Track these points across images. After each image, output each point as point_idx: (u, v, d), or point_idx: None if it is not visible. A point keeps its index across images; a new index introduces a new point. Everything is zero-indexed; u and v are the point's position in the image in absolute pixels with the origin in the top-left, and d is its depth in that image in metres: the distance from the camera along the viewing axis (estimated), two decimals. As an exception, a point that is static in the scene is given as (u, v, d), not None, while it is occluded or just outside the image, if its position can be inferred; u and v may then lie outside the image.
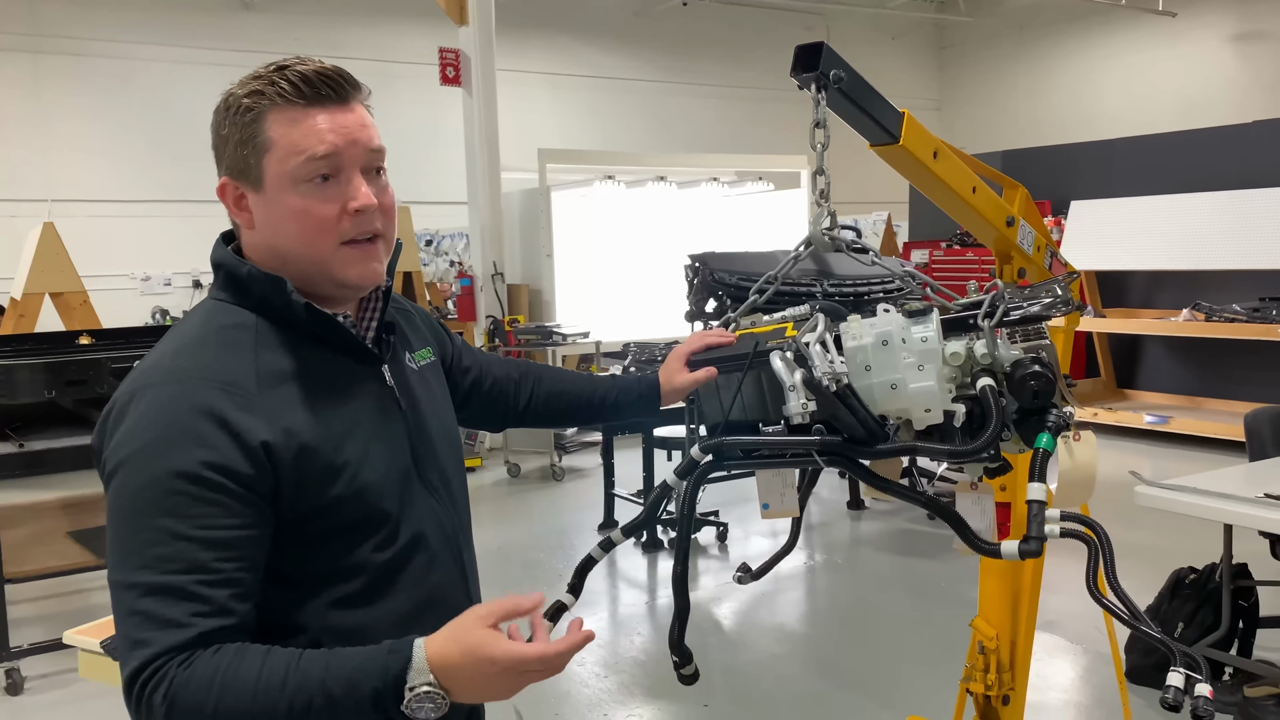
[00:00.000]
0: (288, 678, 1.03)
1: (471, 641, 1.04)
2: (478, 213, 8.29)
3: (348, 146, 1.19)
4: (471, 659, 1.03)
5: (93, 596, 4.70)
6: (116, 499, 1.10)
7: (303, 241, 1.20)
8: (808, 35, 15.41)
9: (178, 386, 1.13)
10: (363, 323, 1.31)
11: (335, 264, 1.22)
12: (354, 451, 1.19)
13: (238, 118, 1.19)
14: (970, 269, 8.86)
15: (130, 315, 10.52)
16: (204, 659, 1.03)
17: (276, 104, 1.18)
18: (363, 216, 1.21)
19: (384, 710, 1.03)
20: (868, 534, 5.77)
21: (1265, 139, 8.12)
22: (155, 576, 1.05)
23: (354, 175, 1.20)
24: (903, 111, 1.75)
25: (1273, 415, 3.98)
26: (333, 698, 1.03)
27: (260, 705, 1.02)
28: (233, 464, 1.09)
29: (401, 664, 1.03)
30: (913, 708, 2.96)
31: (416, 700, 1.02)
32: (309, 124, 1.18)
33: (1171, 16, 13.54)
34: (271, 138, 1.18)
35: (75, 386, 3.70)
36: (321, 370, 1.22)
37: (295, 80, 1.18)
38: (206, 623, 1.05)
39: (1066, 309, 1.53)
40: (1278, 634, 3.89)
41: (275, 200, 1.20)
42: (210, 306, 1.24)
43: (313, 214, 1.19)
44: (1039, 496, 1.32)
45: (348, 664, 1.04)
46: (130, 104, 11.16)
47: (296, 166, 1.17)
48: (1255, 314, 7.37)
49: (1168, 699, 1.19)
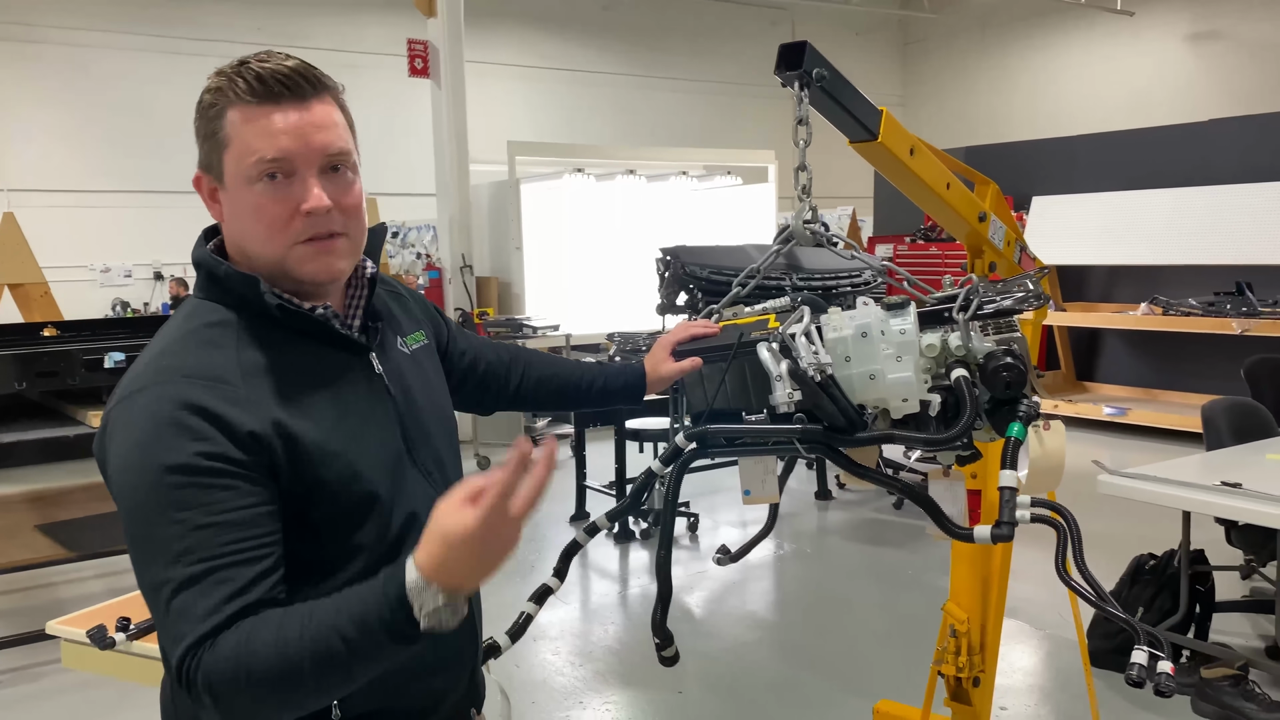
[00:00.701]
0: (303, 632, 1.04)
1: (444, 528, 1.02)
2: (446, 205, 8.27)
3: (301, 149, 1.19)
4: (450, 543, 1.02)
5: (61, 590, 4.66)
6: (126, 504, 1.12)
7: (259, 238, 1.22)
8: (773, 30, 15.50)
9: (162, 387, 1.14)
10: (348, 311, 1.33)
11: (290, 261, 1.22)
12: (344, 440, 1.21)
13: (202, 112, 1.22)
14: (934, 263, 8.98)
15: (90, 307, 10.37)
16: (226, 637, 1.05)
17: (234, 101, 1.19)
18: (315, 218, 1.21)
19: (402, 635, 1.03)
20: (835, 523, 5.85)
21: (1220, 137, 8.30)
22: (181, 571, 1.07)
23: (309, 176, 1.20)
24: (881, 109, 1.80)
25: (1228, 406, 4.09)
26: (349, 640, 1.03)
27: (286, 666, 1.03)
28: (228, 451, 1.11)
29: (398, 587, 1.03)
30: (882, 692, 3.02)
31: (431, 615, 1.03)
32: (263, 123, 1.18)
33: (1129, 15, 13.77)
34: (229, 135, 1.19)
35: (46, 378, 3.67)
36: (306, 362, 1.23)
37: (251, 78, 1.18)
38: (236, 603, 1.06)
39: (1038, 303, 1.59)
40: (1233, 617, 4.02)
41: (234, 196, 1.22)
42: (193, 306, 1.26)
43: (266, 212, 1.20)
44: (1010, 483, 1.37)
45: (355, 605, 1.05)
46: (89, 92, 10.97)
47: (249, 166, 1.19)
48: (1210, 308, 7.55)
49: (1132, 675, 1.24)
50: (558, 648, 4.08)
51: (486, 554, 1.03)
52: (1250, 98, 12.14)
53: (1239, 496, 3.13)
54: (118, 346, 3.90)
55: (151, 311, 11.01)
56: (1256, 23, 12.94)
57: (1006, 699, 3.48)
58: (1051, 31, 15.06)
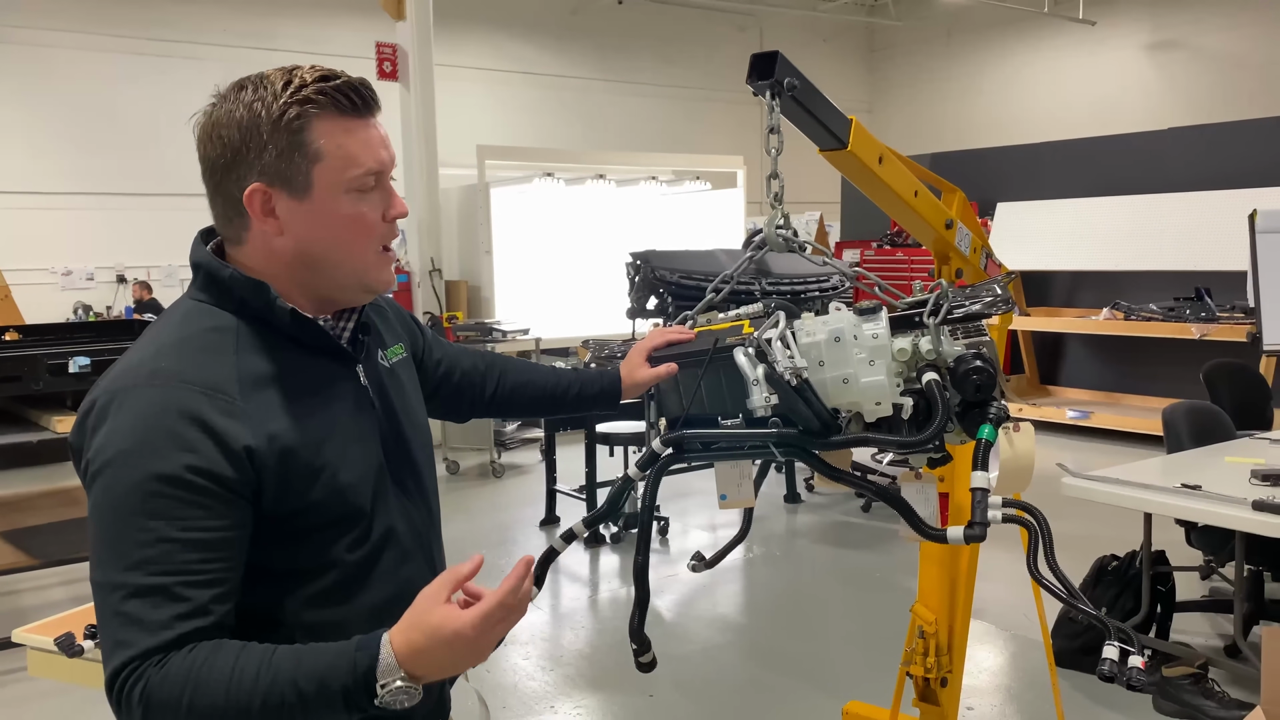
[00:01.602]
0: (259, 675, 1.05)
1: (433, 623, 1.06)
2: (415, 209, 8.23)
3: (389, 161, 1.27)
4: (438, 639, 1.06)
5: (25, 598, 4.58)
6: (100, 501, 1.11)
7: (349, 246, 1.24)
8: (741, 36, 15.59)
9: (160, 391, 1.14)
10: (339, 324, 1.34)
11: (373, 268, 1.27)
12: (332, 453, 1.22)
13: (281, 124, 1.18)
14: (901, 269, 9.07)
15: (51, 310, 10.22)
16: (178, 658, 1.05)
17: (326, 113, 1.20)
18: (395, 224, 1.28)
19: (357, 706, 1.06)
20: (804, 526, 5.89)
21: (1179, 145, 8.46)
22: (140, 578, 1.07)
23: (388, 184, 1.27)
24: (850, 118, 1.83)
25: (1188, 410, 4.17)
26: (304, 695, 1.05)
27: (233, 701, 1.04)
28: (216, 468, 1.11)
29: (369, 661, 1.05)
30: (851, 693, 3.05)
31: (390, 695, 1.05)
32: (363, 136, 1.23)
33: (1091, 25, 14.00)
34: (324, 147, 1.20)
35: (9, 383, 3.62)
36: (300, 373, 1.24)
37: (345, 92, 1.21)
38: (188, 624, 1.07)
39: (1005, 307, 1.62)
40: (1193, 617, 4.10)
41: (323, 207, 1.21)
42: (189, 307, 1.25)
43: (364, 220, 1.24)
44: (982, 484, 1.40)
45: (319, 662, 1.06)
46: (51, 92, 10.80)
47: (353, 178, 1.22)
48: (1170, 313, 7.68)
49: (1104, 670, 1.26)
50: (528, 652, 4.08)
51: (466, 656, 1.08)
52: (1208, 107, 12.39)
53: (1198, 498, 3.19)
54: (82, 351, 3.84)
55: (115, 315, 10.86)
56: (1213, 33, 13.20)
57: (973, 699, 3.53)
58: (1016, 40, 15.28)
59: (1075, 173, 8.93)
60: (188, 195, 10.81)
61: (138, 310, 10.73)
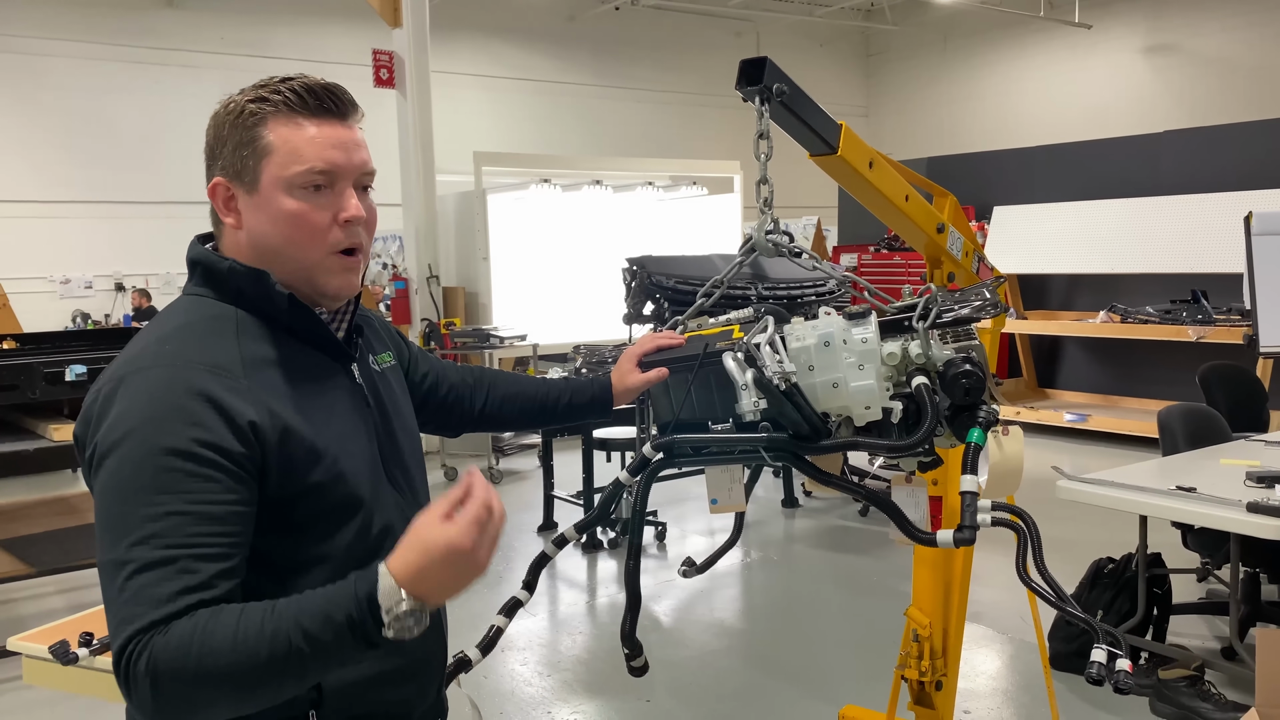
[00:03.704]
0: (264, 624, 1.04)
1: (425, 539, 1.05)
2: (412, 215, 8.25)
3: (345, 163, 1.25)
4: (433, 554, 1.04)
5: (22, 607, 4.58)
6: (109, 480, 1.11)
7: (293, 244, 1.24)
8: (738, 41, 15.63)
9: (167, 370, 1.15)
10: (334, 323, 1.35)
11: (320, 271, 1.26)
12: (332, 438, 1.24)
13: (239, 120, 1.23)
14: (898, 272, 9.08)
15: (49, 319, 10.23)
16: (181, 624, 1.05)
17: (280, 111, 1.22)
18: (351, 228, 1.26)
19: (365, 636, 1.04)
20: (801, 531, 5.89)
21: (1175, 148, 8.48)
22: (147, 552, 1.07)
23: (346, 188, 1.26)
24: (840, 123, 1.83)
25: (1183, 412, 4.18)
26: (310, 635, 1.03)
27: (240, 654, 1.03)
28: (223, 442, 1.12)
29: (369, 587, 1.04)
30: (848, 697, 3.05)
31: (398, 620, 1.04)
32: (312, 134, 1.23)
33: (1087, 28, 14.03)
34: (272, 142, 1.22)
35: (6, 391, 3.61)
36: (299, 361, 1.26)
37: (301, 91, 1.23)
38: (193, 596, 1.06)
39: (995, 311, 1.62)
40: (1189, 619, 4.10)
41: (269, 202, 1.23)
42: (189, 301, 1.27)
43: (306, 219, 1.23)
44: (972, 488, 1.41)
45: (321, 599, 1.06)
46: (48, 102, 10.84)
47: (296, 174, 1.22)
48: (1167, 316, 7.69)
49: (1092, 673, 1.27)
50: (526, 658, 4.08)
51: (462, 568, 1.05)
52: (1203, 110, 12.42)
53: (1194, 501, 3.19)
54: (79, 359, 3.84)
55: (113, 323, 10.87)
56: (1209, 36, 13.24)
57: (969, 702, 3.53)
58: (1012, 44, 15.31)
59: (1072, 176, 8.95)
60: (185, 203, 10.87)
61: (136, 318, 10.75)
